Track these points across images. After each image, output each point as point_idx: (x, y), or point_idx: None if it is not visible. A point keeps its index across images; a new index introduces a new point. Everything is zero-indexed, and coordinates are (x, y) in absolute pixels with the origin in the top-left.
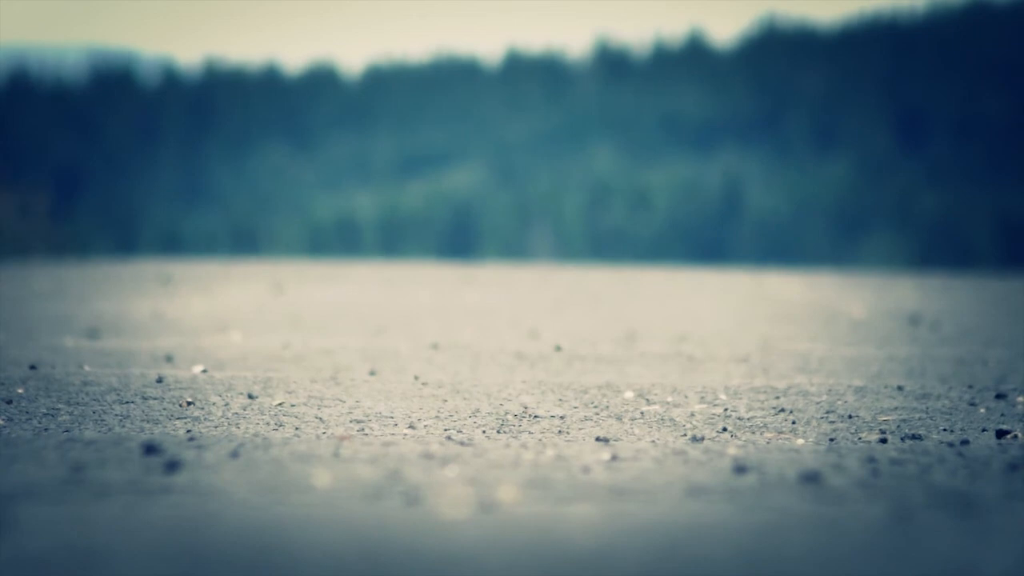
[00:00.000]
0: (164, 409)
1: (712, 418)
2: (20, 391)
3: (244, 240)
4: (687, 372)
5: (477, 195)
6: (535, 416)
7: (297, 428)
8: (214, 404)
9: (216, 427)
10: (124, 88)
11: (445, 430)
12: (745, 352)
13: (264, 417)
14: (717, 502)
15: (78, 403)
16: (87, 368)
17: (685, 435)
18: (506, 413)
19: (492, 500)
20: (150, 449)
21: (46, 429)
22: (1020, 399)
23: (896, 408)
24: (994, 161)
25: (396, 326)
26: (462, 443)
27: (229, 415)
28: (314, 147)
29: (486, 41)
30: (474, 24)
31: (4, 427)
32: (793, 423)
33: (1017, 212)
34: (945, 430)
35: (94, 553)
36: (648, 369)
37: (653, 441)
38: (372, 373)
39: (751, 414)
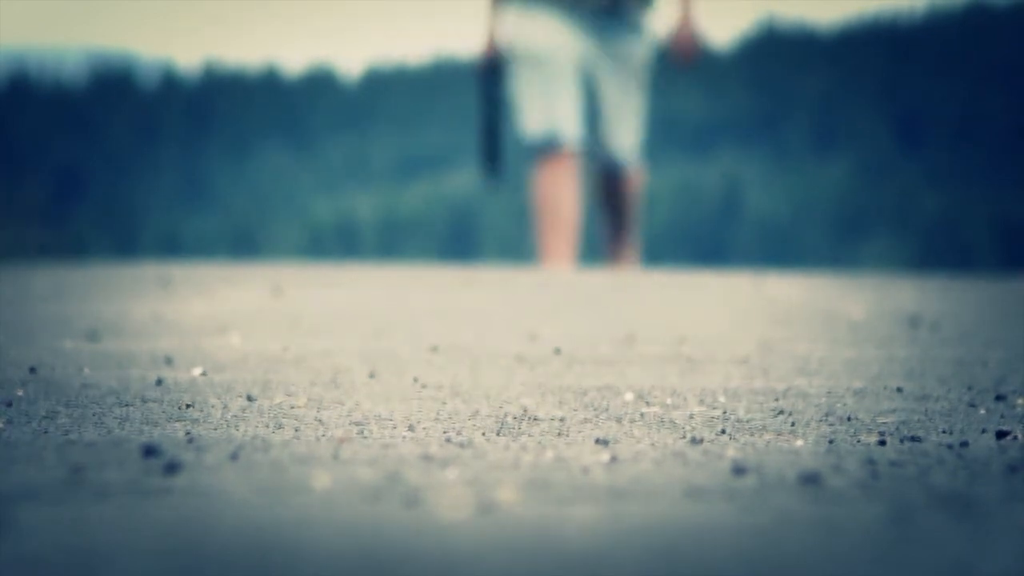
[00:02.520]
0: (163, 411)
1: (711, 420)
2: (20, 393)
3: (243, 242)
4: (686, 374)
5: (476, 197)
6: (534, 418)
7: (296, 430)
8: (213, 406)
9: (215, 429)
10: (123, 90)
11: (444, 432)
12: (744, 354)
13: (263, 419)
14: (716, 503)
15: (77, 405)
16: (87, 370)
17: (684, 437)
18: (505, 415)
19: (491, 501)
20: (149, 451)
21: (46, 431)
22: (1020, 400)
23: (895, 409)
24: (994, 163)
25: (395, 328)
26: (461, 445)
27: (228, 417)
28: (313, 149)
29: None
30: (474, 26)
31: (3, 429)
32: (792, 425)
33: (1017, 214)
34: (944, 431)
35: (94, 554)
36: (647, 371)
37: (652, 443)
38: (371, 375)
39: (750, 416)
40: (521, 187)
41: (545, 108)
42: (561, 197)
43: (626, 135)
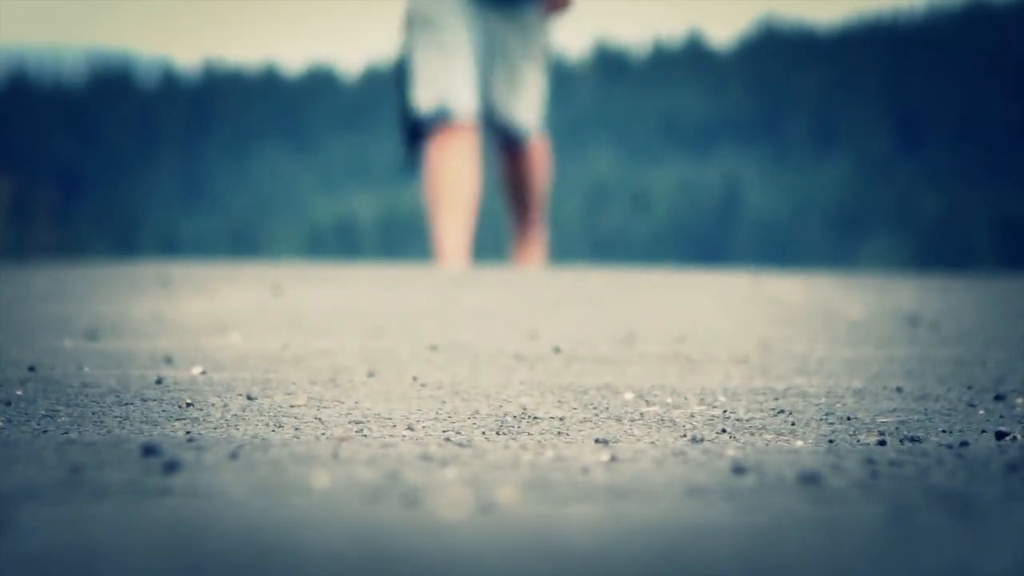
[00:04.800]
0: (163, 410)
1: (711, 419)
2: (19, 392)
3: (243, 241)
4: (686, 373)
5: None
6: (534, 417)
7: (296, 429)
8: (213, 405)
9: (215, 428)
10: (123, 90)
11: (444, 431)
12: (744, 353)
13: (263, 418)
14: (716, 503)
15: (77, 404)
16: (86, 369)
17: (684, 436)
18: (505, 414)
19: (491, 501)
20: (149, 450)
21: (45, 430)
22: (1019, 400)
23: (895, 409)
24: (993, 162)
25: (395, 327)
26: (461, 444)
27: (228, 416)
28: (313, 148)
29: None
30: None
31: (3, 429)
32: (792, 424)
33: (1016, 213)
34: (944, 431)
35: (93, 553)
36: (647, 370)
37: (652, 442)
38: (371, 374)
39: (750, 415)
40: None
41: (438, 79)
42: (457, 176)
43: (527, 104)
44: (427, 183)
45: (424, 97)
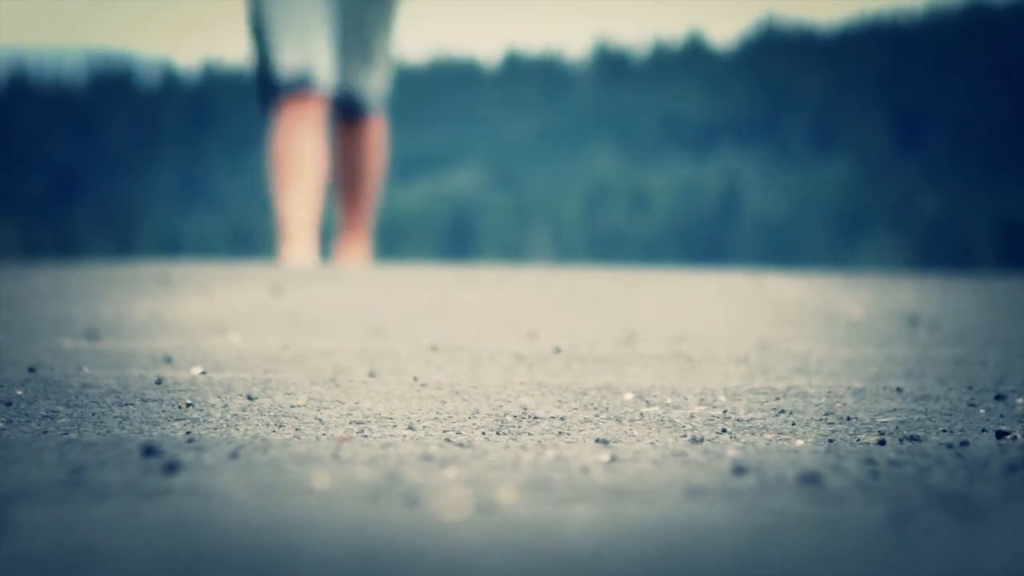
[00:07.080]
0: (163, 411)
1: (711, 419)
2: (19, 393)
3: (243, 241)
4: (686, 373)
5: (476, 196)
6: (534, 417)
7: (296, 429)
8: (213, 405)
9: (215, 428)
10: (123, 90)
11: (444, 431)
12: (744, 353)
13: (263, 418)
14: (716, 503)
15: (77, 405)
16: (86, 370)
17: (684, 436)
18: (505, 414)
19: (491, 501)
20: (149, 451)
21: (45, 431)
22: (1020, 400)
23: (895, 409)
24: (993, 162)
25: (395, 327)
26: (461, 444)
27: (228, 416)
28: None
29: (485, 42)
30: (473, 25)
31: (3, 429)
32: (792, 424)
33: (1016, 212)
34: (944, 431)
35: (93, 554)
36: (647, 370)
37: (652, 442)
38: (371, 374)
39: (750, 415)
40: (517, 180)
41: (298, 40)
42: (306, 151)
43: (376, 78)
44: (275, 154)
45: (286, 59)
